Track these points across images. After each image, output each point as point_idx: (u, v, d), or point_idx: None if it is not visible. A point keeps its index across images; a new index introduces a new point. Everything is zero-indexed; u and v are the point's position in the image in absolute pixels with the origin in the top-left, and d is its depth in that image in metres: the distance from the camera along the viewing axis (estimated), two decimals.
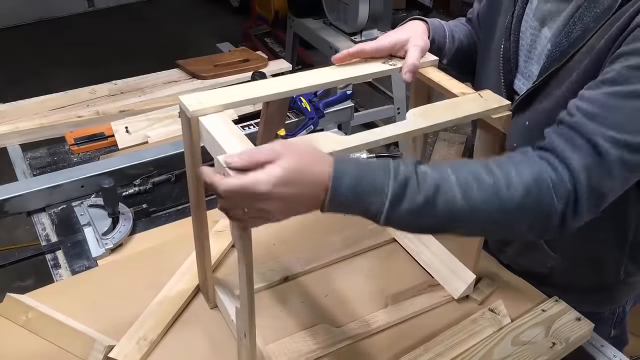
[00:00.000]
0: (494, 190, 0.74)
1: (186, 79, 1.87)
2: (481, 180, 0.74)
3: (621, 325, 1.20)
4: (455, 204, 0.73)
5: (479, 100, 0.91)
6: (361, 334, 1.02)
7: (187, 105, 0.82)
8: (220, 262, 1.17)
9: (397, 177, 0.72)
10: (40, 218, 1.33)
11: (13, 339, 0.99)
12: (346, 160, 0.72)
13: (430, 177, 0.73)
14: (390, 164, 0.73)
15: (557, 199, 0.75)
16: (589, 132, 0.76)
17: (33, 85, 2.93)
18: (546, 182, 0.75)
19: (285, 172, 0.67)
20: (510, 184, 0.74)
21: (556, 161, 0.76)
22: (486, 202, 0.74)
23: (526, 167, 0.75)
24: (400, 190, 0.71)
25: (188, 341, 1.01)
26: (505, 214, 0.75)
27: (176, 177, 1.44)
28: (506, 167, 0.76)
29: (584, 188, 0.75)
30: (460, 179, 0.74)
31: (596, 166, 0.75)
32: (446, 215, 0.74)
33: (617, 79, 0.76)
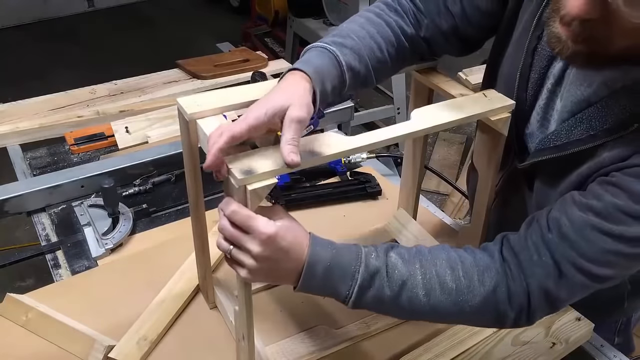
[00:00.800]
0: (455, 296, 0.78)
1: (186, 79, 1.87)
2: (444, 284, 0.78)
3: (625, 333, 1.20)
4: (419, 302, 0.78)
5: (483, 100, 0.90)
6: (360, 335, 1.02)
7: (184, 108, 0.82)
8: (220, 262, 1.17)
9: (368, 266, 0.76)
10: (40, 218, 1.33)
11: (13, 339, 0.99)
12: (321, 243, 0.76)
13: (399, 272, 0.77)
14: (362, 251, 0.77)
15: (511, 308, 0.80)
16: (557, 252, 0.77)
17: (33, 85, 2.93)
18: (504, 294, 0.79)
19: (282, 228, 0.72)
20: (471, 291, 0.79)
21: (518, 274, 0.79)
22: (446, 306, 0.79)
23: (489, 277, 0.79)
24: (369, 280, 0.76)
25: (188, 341, 1.01)
26: (462, 316, 0.81)
27: (176, 177, 1.44)
28: (471, 272, 0.79)
29: (537, 302, 0.80)
30: (425, 279, 0.78)
31: (555, 285, 0.78)
32: (409, 309, 0.79)
33: (603, 213, 0.75)
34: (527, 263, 0.79)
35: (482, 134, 0.97)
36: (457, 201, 2.82)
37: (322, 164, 1.08)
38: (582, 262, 0.76)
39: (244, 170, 0.71)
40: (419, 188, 1.20)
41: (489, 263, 0.80)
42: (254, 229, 0.71)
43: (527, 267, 0.79)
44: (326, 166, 1.44)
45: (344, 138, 0.79)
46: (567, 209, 0.78)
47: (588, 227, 0.75)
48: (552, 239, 0.78)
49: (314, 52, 0.85)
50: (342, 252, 0.76)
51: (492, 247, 0.82)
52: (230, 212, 0.71)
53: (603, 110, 0.79)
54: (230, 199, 0.72)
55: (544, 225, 0.79)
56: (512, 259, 0.80)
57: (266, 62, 1.96)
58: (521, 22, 0.91)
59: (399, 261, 0.78)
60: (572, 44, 0.71)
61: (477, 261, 0.80)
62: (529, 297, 0.79)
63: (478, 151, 1.00)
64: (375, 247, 0.79)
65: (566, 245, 0.76)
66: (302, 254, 0.74)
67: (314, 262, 0.74)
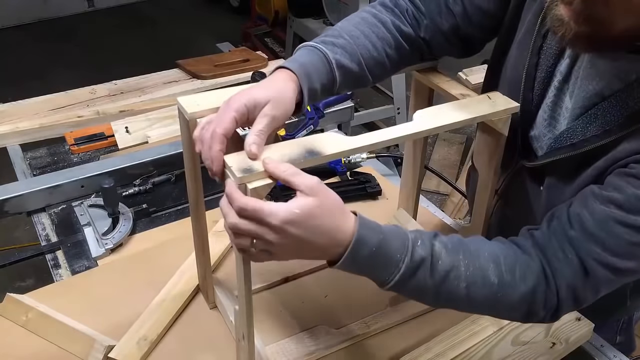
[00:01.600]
0: (495, 290, 0.78)
1: (186, 79, 1.87)
2: (486, 278, 0.77)
3: (627, 332, 1.20)
4: (458, 294, 0.77)
5: (487, 102, 0.90)
6: (361, 335, 1.02)
7: (184, 107, 0.82)
8: (220, 262, 1.17)
9: (414, 256, 0.74)
10: (40, 218, 1.33)
11: (13, 339, 0.99)
12: (369, 226, 0.73)
13: (443, 264, 0.76)
14: (409, 238, 0.75)
15: (544, 308, 0.80)
16: (582, 250, 0.77)
17: (33, 85, 2.93)
18: (541, 295, 0.79)
19: (302, 214, 0.67)
20: (512, 286, 0.78)
21: (550, 275, 0.79)
22: (484, 300, 0.78)
23: (531, 276, 0.78)
24: (413, 270, 0.74)
25: (188, 341, 1.01)
26: (494, 310, 0.82)
27: (176, 177, 1.44)
28: (513, 269, 0.78)
29: (566, 303, 0.80)
30: (468, 272, 0.77)
31: (582, 284, 0.78)
32: (446, 300, 0.79)
33: (625, 205, 0.74)
34: (555, 262, 0.78)
35: (482, 134, 0.97)
36: (457, 201, 2.82)
37: (322, 164, 1.08)
38: (607, 256, 0.75)
39: (244, 169, 0.71)
40: (419, 188, 1.20)
41: (530, 262, 0.79)
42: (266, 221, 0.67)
43: (555, 267, 0.78)
44: (326, 166, 1.44)
45: (344, 138, 0.79)
46: (587, 204, 0.77)
47: (611, 220, 0.74)
48: (575, 235, 0.77)
49: (303, 50, 0.86)
50: (390, 237, 0.73)
51: (526, 244, 0.81)
52: (238, 208, 0.67)
53: (618, 104, 0.78)
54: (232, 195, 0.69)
55: (565, 221, 0.78)
56: (542, 257, 0.79)
57: (266, 62, 1.96)
58: (524, 22, 0.91)
59: (442, 251, 0.76)
60: (574, 25, 0.70)
61: (518, 258, 0.79)
62: (558, 297, 0.79)
63: (478, 151, 1.00)
64: (421, 234, 0.77)
65: (590, 240, 0.76)
66: (342, 235, 0.70)
67: (360, 245, 0.71)
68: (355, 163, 1.50)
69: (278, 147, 0.75)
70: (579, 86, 0.84)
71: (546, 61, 0.87)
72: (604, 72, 0.80)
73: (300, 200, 0.68)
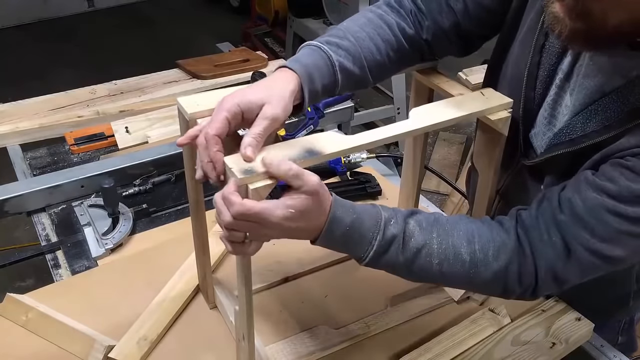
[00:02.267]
0: (467, 267, 0.80)
1: (186, 79, 1.87)
2: (459, 256, 0.80)
3: (629, 332, 1.20)
4: (431, 270, 0.80)
5: (481, 99, 0.90)
6: (361, 335, 1.02)
7: (184, 107, 0.82)
8: (220, 262, 1.17)
9: (385, 234, 0.77)
10: (40, 218, 1.33)
11: (13, 339, 0.99)
12: (343, 206, 0.76)
13: (415, 241, 0.79)
14: (382, 217, 0.78)
15: (519, 285, 0.81)
16: (569, 233, 0.78)
17: (33, 85, 2.92)
18: (515, 273, 0.80)
19: (297, 212, 0.70)
20: (484, 265, 0.80)
21: (529, 254, 0.80)
22: (457, 275, 0.81)
23: (504, 254, 0.80)
24: (385, 247, 0.78)
25: (188, 341, 1.01)
26: (470, 285, 0.85)
27: (176, 177, 1.44)
28: (487, 247, 0.80)
29: (544, 282, 0.81)
30: (441, 249, 0.80)
31: (563, 266, 0.79)
32: (420, 275, 0.82)
33: (618, 196, 0.75)
34: (538, 243, 0.79)
35: (482, 134, 0.97)
36: (457, 201, 2.81)
37: (322, 164, 1.08)
38: (595, 242, 0.76)
39: (245, 170, 0.71)
40: (419, 188, 1.19)
41: (506, 240, 0.81)
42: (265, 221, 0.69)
43: (537, 247, 0.79)
44: (326, 166, 1.44)
45: (343, 137, 0.79)
46: (580, 189, 0.78)
47: (602, 208, 0.75)
48: (563, 219, 0.78)
49: (307, 50, 0.86)
50: (363, 216, 0.77)
51: (509, 224, 0.83)
52: (237, 213, 0.68)
53: (618, 100, 0.79)
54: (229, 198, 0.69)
55: (556, 205, 0.79)
56: (524, 238, 0.81)
57: (266, 62, 1.96)
58: (526, 21, 0.91)
59: (416, 229, 0.79)
60: (569, 21, 0.70)
61: (494, 237, 0.81)
62: (536, 277, 0.80)
63: (478, 151, 1.00)
64: (396, 213, 0.79)
65: (579, 226, 0.77)
66: (322, 218, 0.74)
67: (334, 225, 0.74)
68: (355, 163, 1.50)
69: (278, 147, 0.75)
70: (580, 84, 0.84)
71: (548, 59, 0.87)
72: (604, 68, 0.80)
73: (298, 199, 0.70)
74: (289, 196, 0.71)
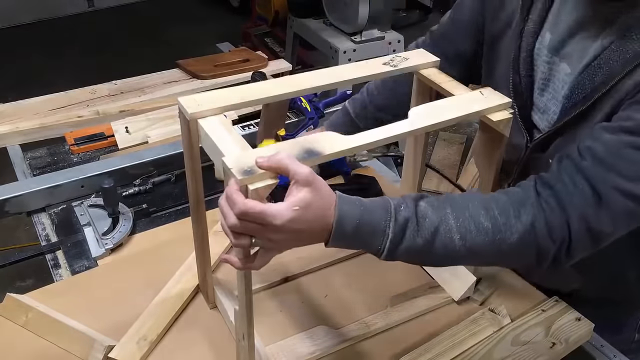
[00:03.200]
0: (492, 235, 0.77)
1: (186, 79, 1.87)
2: (479, 224, 0.77)
3: None
4: (454, 247, 0.77)
5: (480, 98, 0.91)
6: (361, 335, 1.02)
7: (185, 107, 0.82)
8: (220, 262, 1.17)
9: (397, 219, 0.75)
10: (40, 218, 1.33)
11: (13, 339, 0.99)
12: (349, 202, 0.74)
13: (430, 220, 0.76)
14: (391, 205, 0.76)
15: (552, 241, 0.78)
16: (595, 178, 0.76)
17: (33, 85, 2.92)
18: (543, 228, 0.77)
19: (301, 209, 0.69)
20: (508, 228, 0.77)
21: (556, 205, 0.77)
22: (484, 246, 0.77)
23: (525, 211, 0.77)
24: (400, 232, 0.75)
25: (188, 341, 1.01)
26: (501, 256, 0.80)
27: (176, 177, 1.44)
28: (506, 209, 0.78)
29: (579, 235, 0.78)
30: (459, 223, 0.77)
31: (594, 212, 0.76)
32: (444, 255, 0.78)
33: (636, 130, 0.75)
34: (564, 194, 0.77)
35: (482, 134, 0.97)
36: None
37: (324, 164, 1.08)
38: (623, 182, 0.75)
39: (244, 170, 0.71)
40: (419, 188, 1.19)
41: (524, 198, 0.79)
42: (269, 223, 0.68)
43: (564, 198, 0.77)
44: (329, 167, 1.44)
45: (343, 137, 0.79)
46: (598, 136, 0.77)
47: (623, 145, 0.75)
48: (587, 165, 0.77)
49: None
50: (371, 207, 0.75)
51: (526, 183, 0.81)
52: (240, 212, 0.68)
53: (617, 50, 0.81)
54: (232, 197, 0.69)
55: (576, 156, 0.78)
56: (548, 191, 0.79)
57: (266, 62, 1.96)
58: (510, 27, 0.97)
59: (428, 209, 0.77)
60: None
61: (510, 198, 0.79)
62: (569, 228, 0.77)
63: (478, 151, 1.00)
64: (404, 198, 0.78)
65: (603, 168, 0.76)
66: (329, 217, 0.72)
67: (342, 221, 0.73)
68: (357, 161, 1.49)
69: (278, 147, 0.75)
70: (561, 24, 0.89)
71: (527, 40, 0.93)
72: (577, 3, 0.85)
73: (297, 195, 0.70)
74: (288, 196, 0.70)
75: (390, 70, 0.98)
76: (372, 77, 0.99)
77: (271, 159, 0.70)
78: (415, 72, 1.02)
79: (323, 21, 3.21)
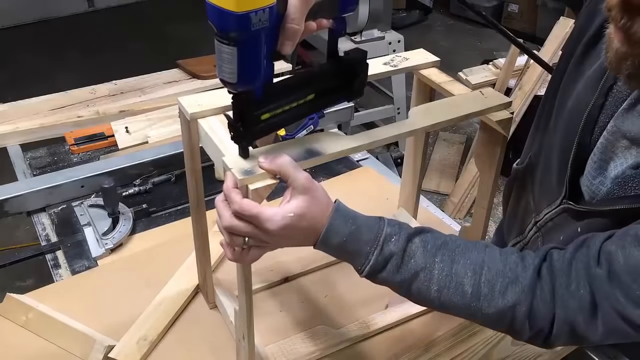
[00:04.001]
0: (469, 300, 0.75)
1: (186, 79, 1.87)
2: (460, 285, 0.75)
3: None
4: (429, 295, 0.76)
5: (480, 98, 0.91)
6: (361, 335, 1.02)
7: (185, 107, 0.83)
8: (220, 262, 1.17)
9: (383, 250, 0.75)
10: (40, 218, 1.33)
11: (13, 339, 0.99)
12: (343, 216, 0.75)
13: (415, 262, 0.75)
14: (382, 233, 0.75)
15: (529, 328, 0.74)
16: (600, 290, 0.69)
17: (33, 85, 2.92)
18: (524, 313, 0.73)
19: (296, 217, 0.71)
20: (488, 301, 0.74)
21: (549, 298, 0.73)
22: (458, 306, 0.76)
23: (512, 290, 0.73)
24: (382, 263, 0.75)
25: (188, 341, 1.01)
26: (473, 319, 0.78)
27: (176, 177, 1.44)
28: (494, 281, 0.74)
29: (560, 333, 0.73)
30: (442, 276, 0.75)
31: (584, 322, 0.71)
32: (417, 299, 0.78)
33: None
34: (562, 291, 0.72)
35: (483, 135, 0.97)
36: (457, 201, 2.82)
37: None
38: (628, 307, 0.67)
39: (245, 170, 0.71)
40: (419, 188, 1.20)
41: (520, 277, 0.74)
42: (264, 227, 0.70)
43: (560, 295, 0.72)
44: None
45: (343, 137, 0.79)
46: (625, 244, 0.69)
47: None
48: (599, 274, 0.70)
49: None
50: (362, 229, 0.75)
51: (531, 260, 0.75)
52: (235, 210, 0.69)
53: None
54: (231, 195, 0.70)
55: (594, 255, 0.71)
56: (548, 280, 0.73)
57: None
58: (598, 56, 0.82)
59: (419, 249, 0.75)
60: (625, 48, 0.63)
61: (505, 271, 0.75)
62: (552, 323, 0.73)
63: (478, 152, 1.00)
64: (400, 230, 0.76)
65: (613, 284, 0.68)
66: (321, 226, 0.73)
67: (330, 234, 0.74)
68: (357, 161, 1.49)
69: (278, 147, 0.75)
70: None
71: (612, 106, 0.80)
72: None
73: (294, 202, 0.71)
74: (284, 201, 0.72)
75: (390, 70, 0.98)
76: (372, 77, 0.99)
77: (273, 162, 0.71)
78: (415, 72, 1.02)
79: None
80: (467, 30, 4.87)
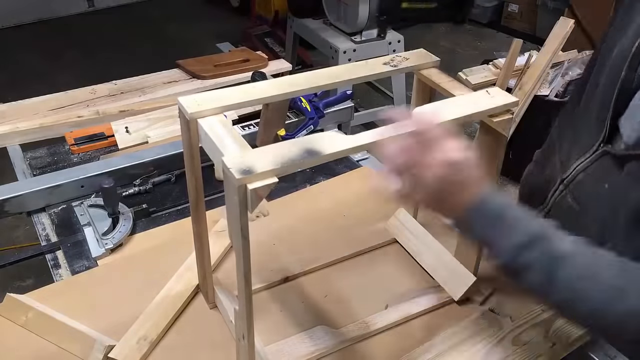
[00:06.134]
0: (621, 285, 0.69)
1: (186, 79, 1.87)
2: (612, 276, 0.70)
3: None
4: (575, 285, 0.70)
5: (486, 98, 0.90)
6: (361, 335, 1.02)
7: (185, 107, 0.83)
8: (220, 262, 1.17)
9: (538, 224, 0.73)
10: (40, 218, 1.33)
11: (13, 339, 0.99)
12: (496, 192, 0.75)
13: (565, 246, 0.71)
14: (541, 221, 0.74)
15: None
16: None
17: (33, 85, 2.92)
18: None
19: (467, 160, 0.73)
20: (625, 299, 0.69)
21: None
22: (603, 297, 0.70)
23: None
24: (533, 240, 0.71)
25: (188, 341, 1.01)
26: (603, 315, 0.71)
27: (176, 177, 1.44)
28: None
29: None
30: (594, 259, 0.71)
31: None
32: (559, 288, 0.72)
33: None
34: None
35: (483, 135, 0.97)
36: None
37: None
38: None
39: (243, 170, 0.70)
40: None
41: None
42: (448, 153, 0.71)
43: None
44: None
45: (343, 137, 0.79)
46: None
47: None
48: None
49: None
50: (515, 206, 0.74)
51: None
52: (423, 129, 0.71)
53: None
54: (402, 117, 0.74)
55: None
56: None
57: (266, 62, 1.96)
58: None
59: (567, 237, 0.72)
60: None
61: None
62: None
63: (479, 153, 0.99)
64: None
65: None
66: (477, 189, 0.73)
67: (492, 196, 0.73)
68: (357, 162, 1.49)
69: (278, 147, 0.75)
70: None
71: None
72: None
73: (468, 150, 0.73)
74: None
75: (390, 70, 0.98)
76: (372, 77, 0.99)
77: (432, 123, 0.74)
78: (415, 72, 1.02)
79: (323, 21, 3.21)
80: (467, 30, 4.87)
